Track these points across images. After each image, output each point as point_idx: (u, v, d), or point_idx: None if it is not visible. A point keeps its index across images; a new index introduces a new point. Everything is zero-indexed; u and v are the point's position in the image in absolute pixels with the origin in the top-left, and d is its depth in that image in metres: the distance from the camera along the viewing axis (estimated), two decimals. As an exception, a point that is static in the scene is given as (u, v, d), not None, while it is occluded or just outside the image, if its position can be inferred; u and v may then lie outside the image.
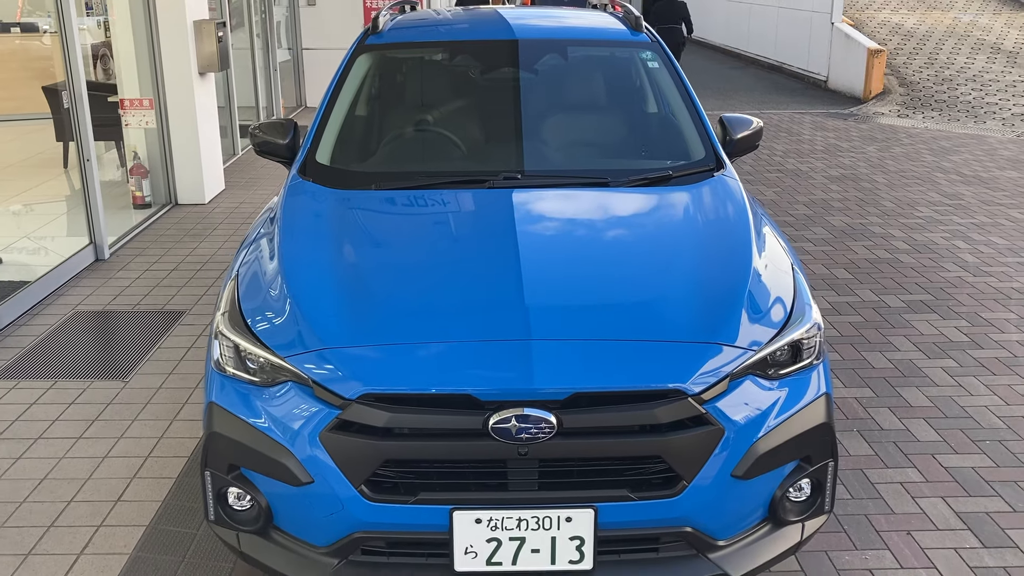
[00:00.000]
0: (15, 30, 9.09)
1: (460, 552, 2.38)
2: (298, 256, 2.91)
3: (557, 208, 3.26)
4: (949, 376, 4.46)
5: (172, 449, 3.71)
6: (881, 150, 10.25)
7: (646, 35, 4.10)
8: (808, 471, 2.57)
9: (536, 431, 2.30)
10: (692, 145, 3.64)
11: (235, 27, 10.07)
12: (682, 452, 2.36)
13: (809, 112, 13.04)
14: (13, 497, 3.38)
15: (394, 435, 2.35)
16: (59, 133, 7.30)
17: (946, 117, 12.42)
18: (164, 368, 4.45)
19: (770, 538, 2.56)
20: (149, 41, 7.12)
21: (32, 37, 8.83)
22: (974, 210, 7.58)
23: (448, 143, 3.74)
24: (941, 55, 15.33)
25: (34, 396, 4.15)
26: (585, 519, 2.35)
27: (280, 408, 2.45)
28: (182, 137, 7.39)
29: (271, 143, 3.73)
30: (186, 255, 6.18)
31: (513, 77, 3.91)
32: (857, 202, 7.85)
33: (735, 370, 2.45)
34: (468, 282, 2.74)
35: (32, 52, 8.94)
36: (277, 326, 2.60)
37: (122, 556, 3.05)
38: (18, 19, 9.09)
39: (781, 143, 10.63)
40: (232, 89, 9.35)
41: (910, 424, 3.99)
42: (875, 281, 5.82)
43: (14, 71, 9.05)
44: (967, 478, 3.58)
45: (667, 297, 2.66)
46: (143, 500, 3.36)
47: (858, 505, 3.39)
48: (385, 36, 4.08)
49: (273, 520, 2.54)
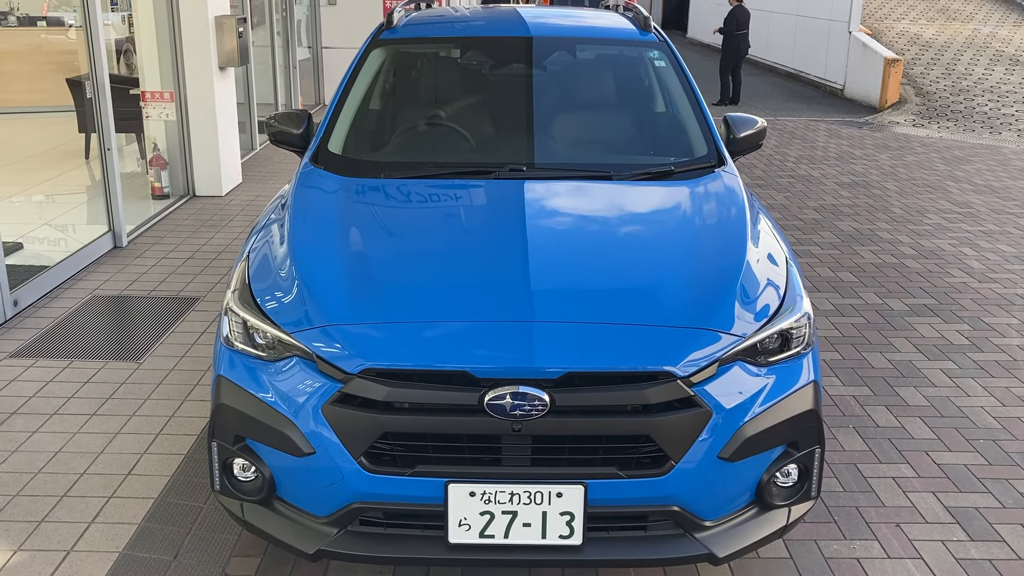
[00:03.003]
0: (41, 23, 9.28)
1: (454, 524, 2.46)
2: (307, 238, 3.01)
3: (564, 199, 3.35)
4: (948, 377, 4.52)
5: (183, 427, 3.82)
6: (894, 158, 10.28)
7: (654, 35, 4.19)
8: (795, 456, 2.64)
9: (529, 408, 2.38)
10: (695, 142, 3.72)
11: (256, 25, 10.22)
12: (670, 433, 2.44)
13: (824, 120, 13.08)
14: (28, 468, 3.50)
15: (393, 409, 2.44)
16: (81, 124, 7.45)
17: (961, 127, 12.43)
18: (178, 351, 4.56)
19: (756, 521, 2.63)
20: (171, 35, 7.26)
21: (58, 31, 9.01)
22: (983, 218, 7.62)
23: (459, 136, 3.83)
24: (959, 66, 15.33)
25: (51, 374, 4.27)
26: (575, 495, 2.43)
27: (285, 382, 2.55)
28: (201, 130, 7.53)
29: (285, 132, 3.84)
30: (202, 244, 6.30)
31: (526, 73, 4.00)
32: (867, 208, 7.90)
33: (724, 355, 2.53)
34: (475, 266, 2.84)
35: (57, 46, 9.12)
36: (285, 304, 2.70)
37: (131, 526, 3.15)
38: (45, 13, 9.28)
39: (794, 149, 10.68)
40: (252, 86, 9.50)
41: (906, 422, 4.05)
42: (880, 285, 5.87)
43: (39, 64, 9.25)
44: (959, 475, 3.64)
45: (662, 284, 2.74)
46: (153, 474, 3.47)
47: (849, 498, 3.45)
48: (400, 31, 4.18)
49: (276, 491, 2.64)
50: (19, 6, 9.22)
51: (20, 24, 9.25)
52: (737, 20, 13.29)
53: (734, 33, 13.29)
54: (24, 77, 9.21)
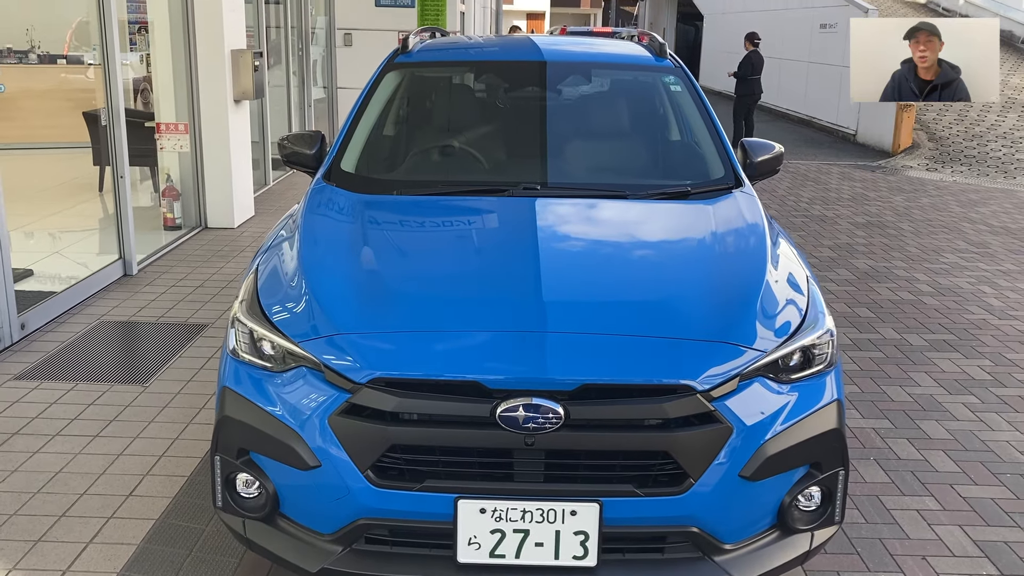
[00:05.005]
0: (61, 62, 9.40)
1: (464, 543, 2.37)
2: (317, 250, 2.95)
3: (578, 214, 3.29)
4: (970, 412, 4.40)
5: (187, 450, 3.73)
6: (908, 200, 10.23)
7: (670, 61, 4.16)
8: (818, 478, 2.54)
9: (543, 421, 2.30)
10: (712, 164, 3.67)
11: (272, 65, 10.32)
12: (689, 449, 2.34)
13: (837, 163, 13.06)
14: (27, 488, 3.41)
15: (402, 420, 2.36)
16: (96, 158, 7.49)
17: (975, 172, 12.38)
18: (184, 375, 4.49)
19: (778, 545, 2.52)
20: (187, 67, 7.31)
21: (77, 70, 9.13)
22: (1001, 258, 7.53)
23: (472, 158, 3.79)
24: (971, 112, 15.33)
25: (55, 396, 4.20)
26: (590, 513, 2.34)
27: (291, 392, 2.47)
28: (215, 162, 7.55)
29: (299, 153, 3.80)
30: (212, 273, 6.26)
31: (540, 96, 3.97)
32: (882, 247, 7.82)
33: (745, 370, 2.44)
34: (486, 278, 2.78)
35: (75, 84, 9.25)
36: (293, 314, 2.63)
37: (130, 547, 3.06)
38: (65, 52, 9.39)
39: (808, 191, 10.64)
40: (267, 123, 9.56)
41: (929, 455, 3.93)
42: (897, 320, 5.77)
43: (57, 101, 9.36)
44: (986, 508, 3.51)
45: (681, 297, 2.67)
46: (155, 496, 3.38)
47: (872, 529, 3.33)
48: (415, 55, 4.17)
49: (279, 507, 2.55)
50: (40, 44, 9.35)
51: (40, 61, 9.38)
52: (752, 64, 13.37)
53: (748, 77, 13.37)
54: (43, 113, 9.32)
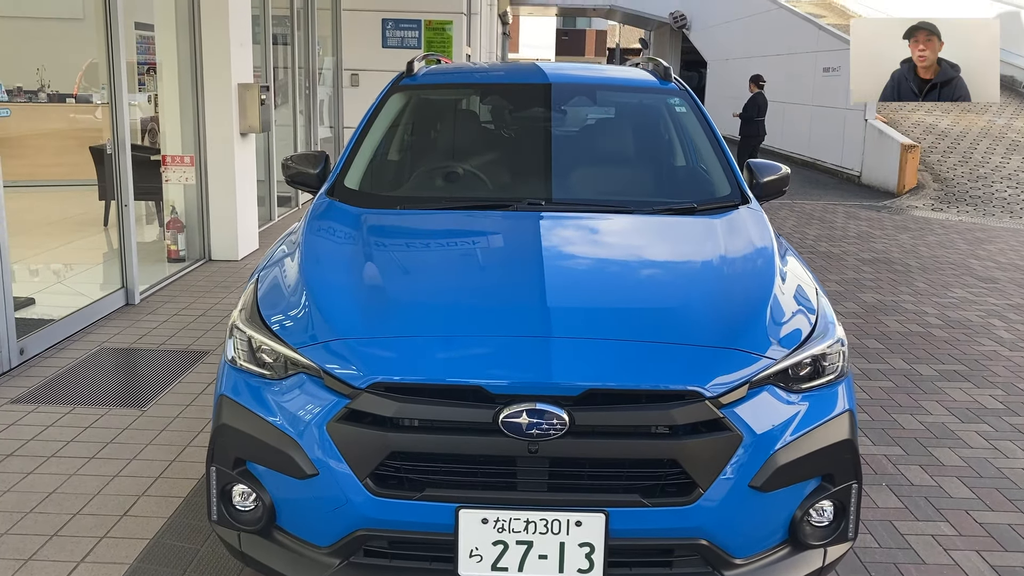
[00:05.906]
0: (70, 101, 9.49)
1: (465, 555, 2.29)
2: (318, 259, 2.92)
3: (583, 226, 3.25)
4: (984, 440, 4.31)
5: (184, 471, 3.66)
6: (914, 238, 10.19)
7: (675, 84, 4.15)
8: (830, 491, 2.46)
9: (547, 427, 2.23)
10: (718, 182, 3.64)
11: (280, 104, 10.39)
12: (698, 457, 2.28)
13: (842, 203, 13.06)
14: (19, 508, 3.34)
15: (402, 427, 2.30)
16: (101, 192, 7.52)
17: (981, 212, 12.37)
18: (183, 400, 4.43)
19: (790, 561, 2.44)
20: (194, 101, 7.35)
21: (85, 109, 9.21)
22: (1010, 293, 7.46)
23: (475, 178, 3.76)
24: (976, 154, 15.37)
25: (51, 419, 4.14)
26: (596, 524, 2.26)
27: (289, 399, 2.42)
28: (220, 194, 7.55)
29: (303, 173, 3.79)
30: (215, 303, 6.22)
31: (544, 116, 3.95)
32: (889, 282, 7.77)
33: (755, 378, 2.38)
34: (489, 285, 2.75)
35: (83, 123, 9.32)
36: (293, 321, 2.59)
37: (122, 566, 2.97)
38: (75, 92, 9.49)
39: (813, 229, 10.62)
40: (272, 160, 9.59)
41: (942, 481, 3.84)
42: (907, 351, 5.70)
43: (63, 139, 9.44)
44: (1003, 534, 3.41)
45: (688, 304, 2.62)
46: (149, 516, 3.30)
47: (886, 554, 3.23)
48: (420, 78, 4.17)
49: (276, 519, 2.47)
50: (50, 83, 9.44)
51: (50, 100, 9.47)
52: (758, 106, 13.45)
53: (754, 119, 13.44)
54: (50, 152, 9.38)
